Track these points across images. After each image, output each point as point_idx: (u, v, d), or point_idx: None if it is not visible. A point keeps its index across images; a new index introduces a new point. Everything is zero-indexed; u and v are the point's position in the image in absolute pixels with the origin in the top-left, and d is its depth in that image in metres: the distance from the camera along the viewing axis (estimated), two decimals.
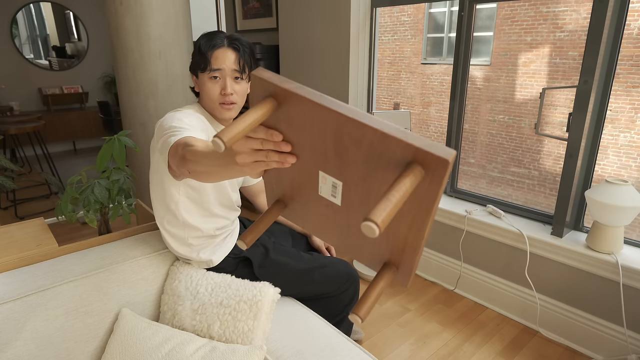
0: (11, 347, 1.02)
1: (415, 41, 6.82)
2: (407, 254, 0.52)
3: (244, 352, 1.06)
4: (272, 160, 0.52)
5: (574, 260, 1.80)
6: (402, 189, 0.39)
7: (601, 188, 1.69)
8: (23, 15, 5.05)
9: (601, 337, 1.77)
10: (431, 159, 0.40)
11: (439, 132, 6.52)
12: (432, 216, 0.45)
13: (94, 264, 1.22)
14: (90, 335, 1.15)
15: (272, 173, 0.61)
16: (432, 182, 0.41)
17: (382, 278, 0.53)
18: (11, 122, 3.72)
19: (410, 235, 0.49)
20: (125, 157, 1.62)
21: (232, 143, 0.46)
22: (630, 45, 3.78)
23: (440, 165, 0.39)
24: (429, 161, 0.40)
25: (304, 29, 2.81)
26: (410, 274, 0.54)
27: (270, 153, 0.52)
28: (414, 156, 0.41)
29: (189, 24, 2.52)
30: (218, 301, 1.19)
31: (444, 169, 0.39)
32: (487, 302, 2.15)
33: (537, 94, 5.21)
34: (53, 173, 4.06)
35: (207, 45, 1.17)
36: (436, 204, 0.44)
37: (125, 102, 2.44)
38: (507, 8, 5.41)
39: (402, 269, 0.54)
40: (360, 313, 0.48)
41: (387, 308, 2.13)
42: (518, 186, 5.28)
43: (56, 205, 1.61)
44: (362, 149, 0.45)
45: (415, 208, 0.46)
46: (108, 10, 2.30)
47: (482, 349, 1.84)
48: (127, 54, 2.31)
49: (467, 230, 2.17)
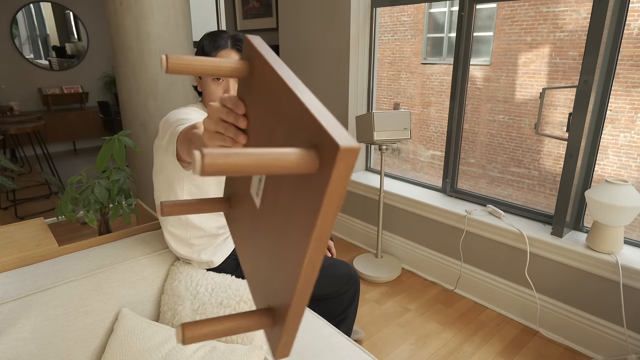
0: (11, 347, 1.02)
1: (415, 41, 6.82)
2: (285, 299, 0.37)
3: (244, 352, 1.06)
4: (228, 136, 0.50)
5: (574, 260, 1.80)
6: (272, 152, 0.31)
7: (601, 188, 1.69)
8: (23, 15, 5.05)
9: (601, 337, 1.77)
10: (327, 143, 0.31)
11: (439, 132, 6.53)
12: (314, 236, 0.32)
13: (94, 264, 1.22)
14: (90, 335, 1.15)
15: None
16: (321, 178, 0.32)
17: (247, 317, 0.39)
18: (11, 122, 3.72)
19: (292, 265, 0.37)
20: (125, 157, 1.62)
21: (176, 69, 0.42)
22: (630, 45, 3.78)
23: (331, 151, 0.30)
24: (325, 146, 0.31)
25: (304, 29, 2.81)
26: (279, 338, 0.37)
27: (230, 127, 0.50)
28: (319, 139, 0.33)
29: (189, 24, 2.52)
30: (218, 301, 1.19)
31: (333, 157, 0.30)
32: (487, 302, 2.15)
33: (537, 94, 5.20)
34: (53, 173, 4.06)
35: (210, 47, 1.17)
36: (322, 215, 0.32)
37: (125, 102, 2.44)
38: (507, 8, 5.41)
39: (277, 324, 0.39)
40: (189, 332, 0.36)
41: (387, 308, 2.13)
42: (518, 186, 5.29)
43: (56, 205, 1.61)
44: (286, 127, 0.39)
45: (304, 218, 0.35)
46: (108, 10, 2.30)
47: (482, 349, 1.84)
48: (127, 54, 2.31)
49: (467, 230, 2.17)
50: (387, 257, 2.57)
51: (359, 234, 2.80)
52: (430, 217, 2.33)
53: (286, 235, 0.38)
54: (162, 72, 2.37)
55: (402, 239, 2.54)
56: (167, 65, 0.42)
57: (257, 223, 0.46)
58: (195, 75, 0.45)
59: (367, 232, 2.74)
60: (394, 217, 2.55)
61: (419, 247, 2.44)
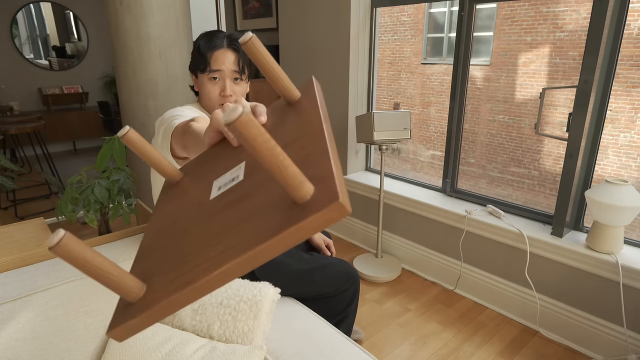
0: (11, 347, 1.02)
1: (415, 41, 6.81)
2: (168, 287, 0.36)
3: (244, 352, 1.06)
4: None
5: (574, 260, 1.80)
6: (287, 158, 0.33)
7: (601, 188, 1.69)
8: (23, 15, 5.05)
9: (601, 337, 1.77)
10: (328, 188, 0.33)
11: (439, 132, 6.53)
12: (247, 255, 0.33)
13: None
14: (90, 335, 1.15)
15: (213, 151, 0.57)
16: (299, 212, 0.33)
17: (127, 276, 0.37)
18: (11, 122, 3.73)
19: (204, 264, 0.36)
20: (125, 157, 1.62)
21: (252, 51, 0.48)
22: (630, 45, 3.78)
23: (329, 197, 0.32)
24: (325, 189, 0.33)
25: (304, 29, 2.81)
26: (129, 318, 0.35)
27: None
28: (322, 179, 0.35)
29: (189, 24, 2.52)
30: (218, 301, 1.19)
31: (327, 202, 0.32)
32: (487, 302, 2.15)
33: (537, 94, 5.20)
34: (53, 173, 4.06)
35: (206, 46, 1.17)
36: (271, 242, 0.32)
37: (125, 102, 2.44)
38: (507, 8, 5.41)
39: (140, 302, 0.37)
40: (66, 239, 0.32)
41: (387, 308, 2.13)
42: (518, 186, 5.28)
43: (56, 205, 1.61)
44: (300, 153, 0.42)
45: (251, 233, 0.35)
46: (108, 10, 2.30)
47: (482, 349, 1.84)
48: (127, 54, 2.31)
49: (467, 230, 2.17)
50: (387, 257, 2.57)
51: (359, 234, 2.80)
52: (430, 217, 2.33)
53: (221, 236, 0.38)
54: (162, 72, 2.37)
55: (402, 239, 2.54)
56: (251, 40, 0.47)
57: (197, 210, 0.46)
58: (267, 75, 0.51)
59: (367, 232, 2.74)
60: (394, 217, 2.55)
61: (419, 247, 2.44)
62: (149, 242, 0.48)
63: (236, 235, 0.36)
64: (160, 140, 1.02)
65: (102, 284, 0.36)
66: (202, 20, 4.76)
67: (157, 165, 0.55)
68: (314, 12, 2.70)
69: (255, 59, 0.48)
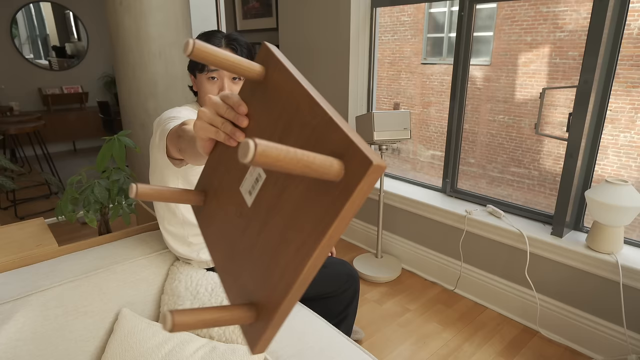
0: (11, 347, 1.02)
1: (415, 41, 6.82)
2: (275, 297, 0.39)
3: (244, 352, 1.06)
4: (224, 131, 0.49)
5: (574, 260, 1.80)
6: (309, 155, 0.33)
7: (601, 188, 1.69)
8: (23, 15, 5.05)
9: (601, 337, 1.77)
10: (357, 156, 0.34)
11: (439, 132, 6.53)
12: (324, 242, 0.35)
13: (94, 264, 1.22)
14: (90, 335, 1.15)
15: (216, 156, 0.56)
16: (345, 188, 0.34)
17: (232, 310, 0.40)
18: (11, 122, 3.72)
19: (291, 266, 0.38)
20: (125, 157, 1.62)
21: (199, 55, 0.43)
22: (630, 45, 3.78)
23: (362, 165, 0.33)
24: (354, 158, 0.34)
25: (304, 29, 2.81)
26: (262, 333, 0.39)
27: (226, 123, 0.49)
28: (345, 150, 0.35)
29: (189, 24, 2.52)
30: (218, 301, 1.19)
31: (364, 170, 0.33)
32: (487, 302, 2.15)
33: (537, 94, 5.21)
34: (53, 173, 4.06)
35: None
36: (337, 224, 0.34)
37: (125, 102, 2.44)
38: (507, 8, 5.41)
39: (260, 320, 0.40)
40: (178, 317, 0.36)
41: (387, 308, 2.13)
42: (518, 186, 5.29)
43: (56, 205, 1.61)
44: (305, 134, 0.41)
45: (312, 224, 0.37)
46: (108, 9, 2.29)
47: (482, 349, 1.84)
48: (127, 54, 2.31)
49: (467, 230, 2.17)
50: (387, 257, 2.57)
51: (359, 234, 2.80)
52: (430, 217, 2.33)
53: (286, 237, 0.39)
54: (162, 72, 2.37)
55: (402, 239, 2.54)
56: (193, 50, 0.42)
57: (245, 221, 0.47)
58: (214, 65, 0.46)
59: (367, 232, 2.74)
60: (394, 217, 2.55)
61: (419, 247, 2.44)
62: (226, 271, 0.49)
63: (301, 230, 0.38)
64: (157, 141, 1.02)
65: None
66: (202, 20, 4.76)
67: (178, 200, 0.55)
68: (314, 12, 2.70)
69: (207, 61, 0.45)
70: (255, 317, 0.41)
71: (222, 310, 0.39)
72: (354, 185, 0.33)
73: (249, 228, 0.46)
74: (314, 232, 0.36)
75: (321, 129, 0.39)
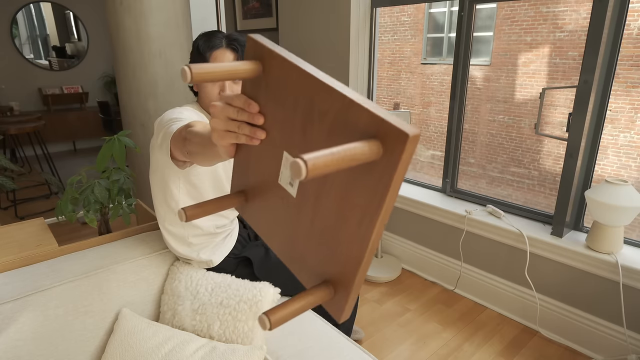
0: (11, 347, 1.02)
1: (415, 41, 6.82)
2: (348, 268, 0.43)
3: (244, 352, 1.06)
4: (243, 133, 0.50)
5: (574, 260, 1.80)
6: (349, 148, 0.34)
7: (601, 188, 1.69)
8: (23, 15, 5.05)
9: (601, 337, 1.77)
10: (391, 132, 0.35)
11: (439, 132, 6.53)
12: (383, 212, 0.38)
13: (94, 264, 1.22)
14: (90, 335, 1.15)
15: (242, 156, 0.56)
16: (388, 163, 0.36)
17: (313, 293, 0.44)
18: (11, 122, 3.72)
19: (356, 238, 0.41)
20: (125, 157, 1.62)
21: (199, 78, 0.43)
22: (630, 45, 3.78)
23: (399, 139, 0.35)
24: (389, 135, 0.36)
25: (304, 29, 2.81)
26: (346, 302, 0.44)
27: (243, 125, 0.50)
28: (377, 128, 0.37)
29: (189, 24, 2.52)
30: (218, 301, 1.19)
31: (402, 144, 0.34)
32: (487, 302, 2.15)
33: (537, 94, 5.20)
34: (53, 173, 4.06)
35: (205, 46, 1.17)
36: (390, 194, 0.37)
37: (125, 102, 2.44)
38: (507, 8, 5.41)
39: (339, 292, 0.45)
40: (273, 316, 0.40)
41: (387, 308, 2.13)
42: (518, 186, 5.28)
43: (56, 205, 1.61)
44: (327, 121, 0.42)
45: (366, 198, 0.39)
46: (108, 9, 2.30)
47: (482, 349, 1.84)
48: (127, 54, 2.31)
49: (467, 230, 2.17)
50: (387, 257, 2.57)
51: None
52: (430, 217, 2.33)
53: (343, 215, 0.42)
54: (162, 72, 2.37)
55: (402, 239, 2.54)
56: (192, 76, 0.43)
57: (297, 211, 0.49)
58: (215, 81, 0.47)
59: None
60: (394, 217, 2.55)
61: (419, 247, 2.44)
62: (290, 259, 0.52)
63: (354, 208, 0.41)
64: (160, 142, 1.02)
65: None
66: (202, 20, 4.76)
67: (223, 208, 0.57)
68: (314, 12, 2.70)
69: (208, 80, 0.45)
70: (334, 292, 0.45)
71: (306, 296, 0.44)
72: (397, 159, 0.35)
73: (301, 215, 0.48)
74: (371, 204, 0.39)
75: (344, 113, 0.40)
